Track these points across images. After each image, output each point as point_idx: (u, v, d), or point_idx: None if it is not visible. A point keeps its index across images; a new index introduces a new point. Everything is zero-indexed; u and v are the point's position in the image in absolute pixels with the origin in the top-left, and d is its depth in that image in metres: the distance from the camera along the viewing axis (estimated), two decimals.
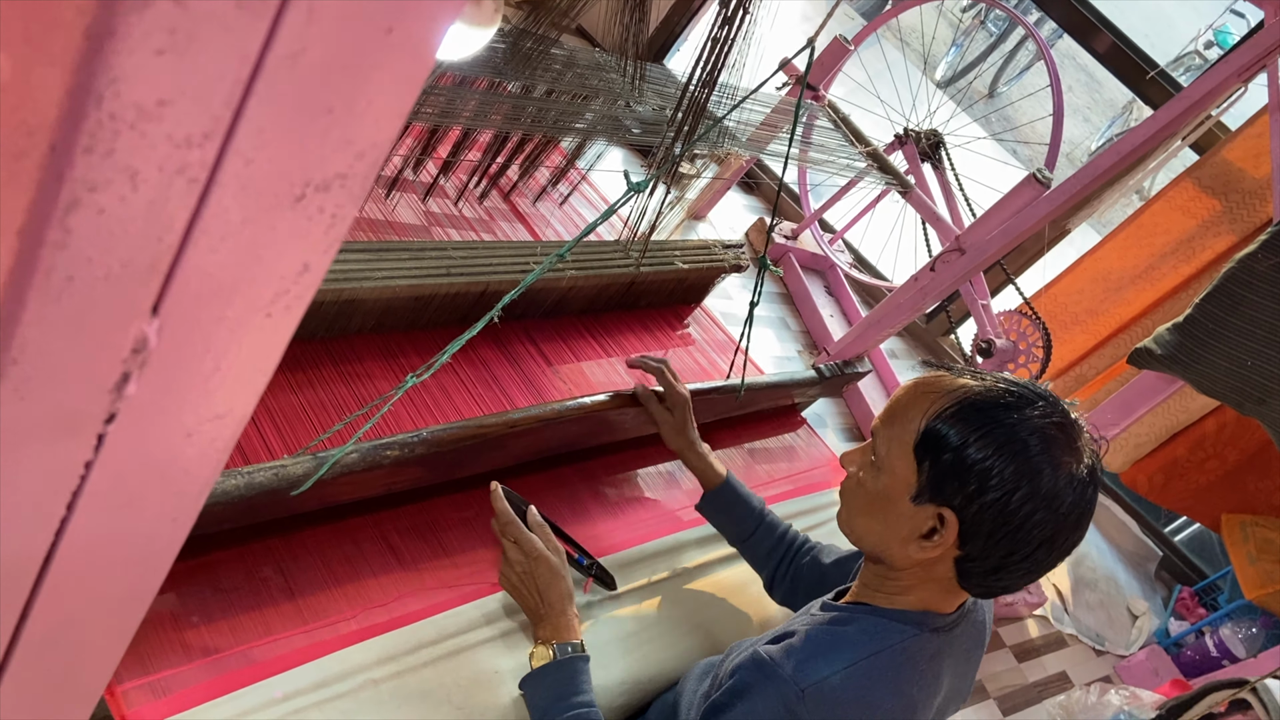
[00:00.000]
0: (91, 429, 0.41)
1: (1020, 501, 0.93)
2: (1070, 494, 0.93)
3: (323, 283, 1.30)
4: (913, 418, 0.99)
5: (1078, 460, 0.95)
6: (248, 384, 0.46)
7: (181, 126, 0.32)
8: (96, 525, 0.47)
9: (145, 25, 0.29)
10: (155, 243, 0.36)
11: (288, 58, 0.33)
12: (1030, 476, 0.93)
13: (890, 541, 1.02)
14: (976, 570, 0.98)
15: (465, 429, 1.37)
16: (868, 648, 1.00)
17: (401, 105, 0.38)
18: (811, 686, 0.96)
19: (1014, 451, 0.93)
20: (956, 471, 0.95)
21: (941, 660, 1.04)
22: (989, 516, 0.94)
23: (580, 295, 1.96)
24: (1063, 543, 0.96)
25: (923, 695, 1.02)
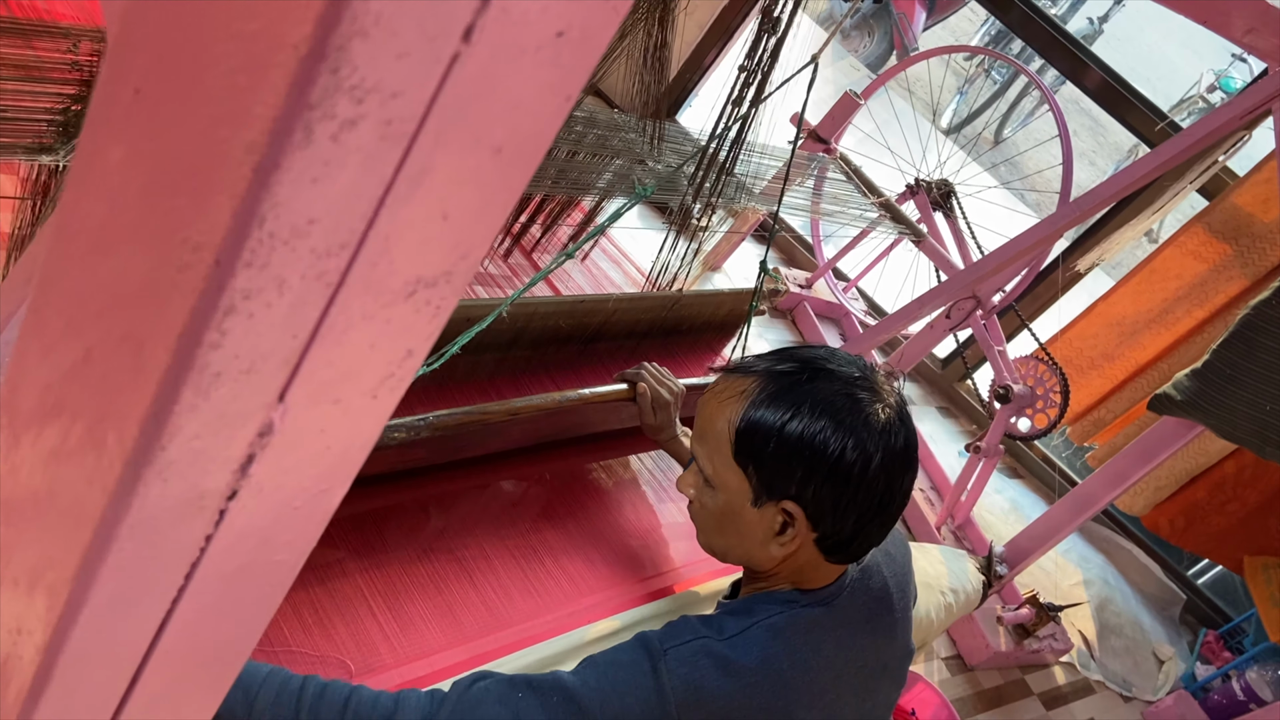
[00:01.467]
0: (216, 506, 0.45)
1: (850, 465, 0.94)
2: (890, 437, 0.96)
3: None
4: (720, 429, 1.01)
5: (884, 403, 0.97)
6: (351, 459, 0.49)
7: (324, 240, 0.37)
8: (207, 594, 0.50)
9: (306, 160, 0.33)
10: (290, 339, 0.40)
11: (415, 176, 0.37)
12: (848, 434, 0.94)
13: (750, 548, 1.03)
14: (838, 543, 0.99)
15: (469, 414, 1.42)
16: (734, 626, 0.98)
17: (506, 210, 0.42)
18: (675, 648, 0.95)
19: (826, 418, 0.94)
20: (780, 463, 0.96)
21: (823, 633, 1.02)
22: (827, 493, 0.95)
23: (621, 324, 2.03)
24: (900, 486, 0.98)
25: (797, 671, 0.97)
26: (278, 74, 0.31)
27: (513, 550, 1.54)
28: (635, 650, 0.95)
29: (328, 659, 1.20)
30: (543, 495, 1.66)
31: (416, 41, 0.32)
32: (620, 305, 1.99)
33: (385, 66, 0.32)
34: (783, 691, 0.96)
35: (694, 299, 2.18)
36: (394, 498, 1.48)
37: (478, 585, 1.45)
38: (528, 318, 1.79)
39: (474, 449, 1.53)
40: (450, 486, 1.56)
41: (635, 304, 2.05)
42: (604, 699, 0.91)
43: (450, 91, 0.35)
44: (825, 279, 3.49)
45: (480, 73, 0.36)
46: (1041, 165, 6.13)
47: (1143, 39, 9.42)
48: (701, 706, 0.92)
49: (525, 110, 0.39)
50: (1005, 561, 2.39)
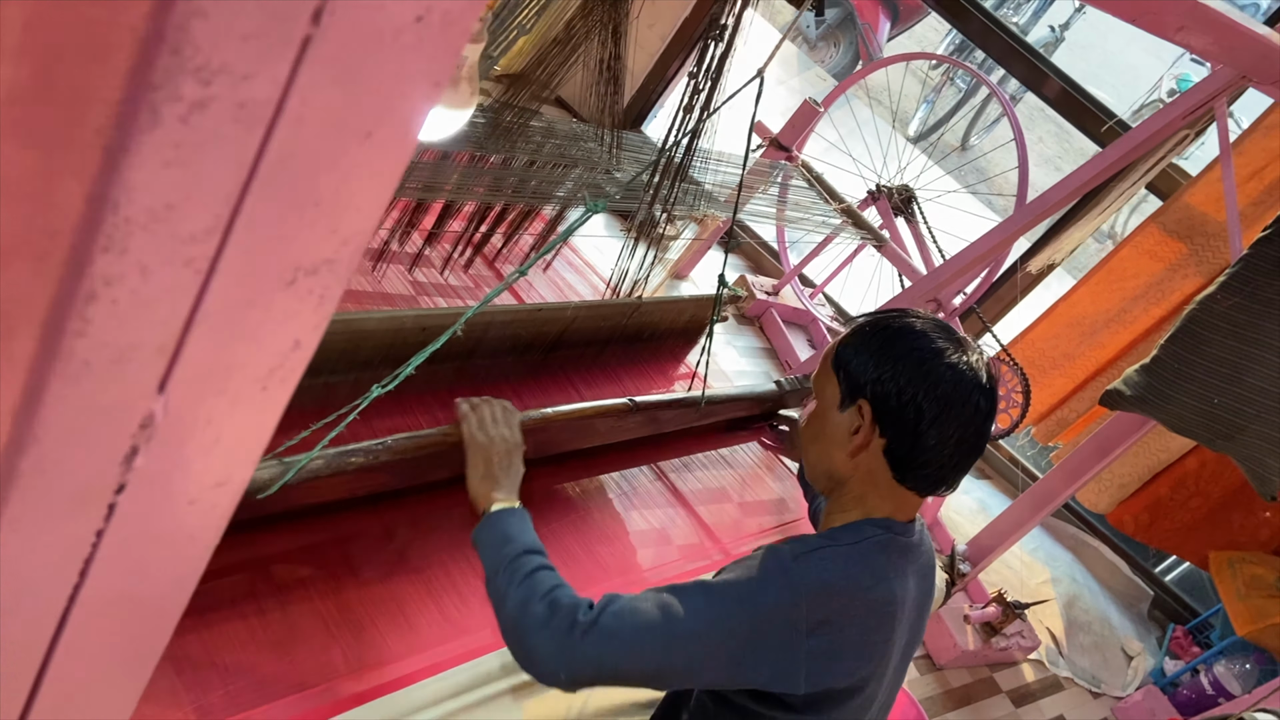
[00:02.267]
0: (103, 499, 0.45)
1: (914, 381, 1.09)
2: (950, 375, 1.09)
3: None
4: (828, 351, 1.19)
5: (961, 351, 1.11)
6: (246, 452, 0.49)
7: (186, 225, 0.37)
8: (107, 590, 0.50)
9: (155, 143, 0.34)
10: (162, 327, 0.40)
11: (279, 162, 0.37)
12: (920, 361, 1.09)
13: (833, 452, 1.16)
14: (904, 457, 1.12)
15: (428, 437, 1.40)
16: (849, 538, 1.13)
17: (382, 197, 0.43)
18: (804, 554, 1.09)
19: (905, 344, 1.11)
20: (860, 368, 1.13)
21: (909, 562, 1.16)
22: (891, 396, 1.10)
23: (581, 331, 2.02)
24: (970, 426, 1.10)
25: (899, 587, 1.13)
26: (119, 56, 0.32)
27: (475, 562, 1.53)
28: (769, 557, 1.10)
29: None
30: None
31: (261, 23, 0.33)
32: (580, 313, 1.99)
33: (231, 48, 0.33)
34: (889, 599, 1.11)
35: (654, 306, 2.19)
36: (356, 519, 1.46)
37: (435, 598, 1.44)
38: (485, 326, 1.78)
39: (436, 472, 1.50)
40: (415, 508, 1.54)
41: (595, 311, 2.05)
42: (740, 592, 1.06)
43: (307, 75, 0.36)
44: (792, 285, 3.51)
45: (337, 56, 0.36)
46: (1005, 168, 6.19)
47: (1105, 45, 9.53)
48: (825, 601, 1.06)
49: (392, 95, 0.39)
50: (968, 559, 2.40)
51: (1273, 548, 3.07)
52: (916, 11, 6.32)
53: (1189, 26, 1.32)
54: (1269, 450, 1.80)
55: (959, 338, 1.14)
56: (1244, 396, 1.77)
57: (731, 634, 1.04)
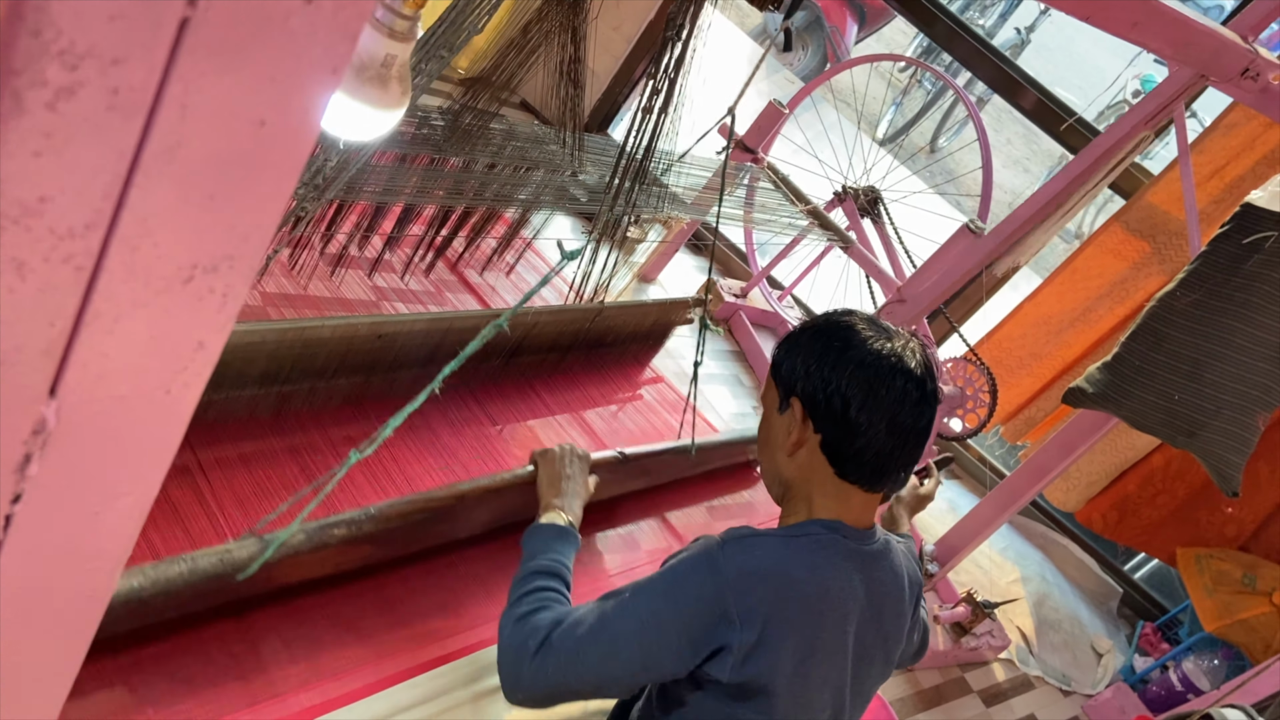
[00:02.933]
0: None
1: (830, 371, 1.10)
2: (872, 359, 1.10)
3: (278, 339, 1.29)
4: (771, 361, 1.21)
5: (883, 338, 1.12)
6: (152, 461, 0.47)
7: (64, 219, 0.35)
8: (13, 605, 0.48)
9: (21, 132, 0.32)
10: (48, 328, 0.38)
11: (164, 152, 0.36)
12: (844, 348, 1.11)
13: (776, 455, 1.18)
14: (839, 448, 1.12)
15: (413, 504, 1.38)
16: (784, 532, 1.14)
17: (282, 189, 0.41)
18: (731, 541, 1.10)
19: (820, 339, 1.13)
20: (789, 368, 1.15)
21: (854, 565, 1.14)
22: (818, 389, 1.11)
23: (542, 339, 2.00)
24: (899, 411, 1.10)
25: (835, 585, 1.11)
26: None
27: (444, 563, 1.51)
28: (698, 545, 1.12)
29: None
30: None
31: (129, 2, 0.31)
32: (541, 318, 1.98)
33: (97, 30, 0.31)
34: (823, 596, 1.10)
35: (617, 311, 2.17)
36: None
37: (396, 602, 1.42)
38: (443, 334, 1.76)
39: (424, 540, 1.46)
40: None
41: (557, 317, 2.03)
42: (667, 582, 1.08)
43: (187, 59, 0.34)
44: (760, 287, 3.50)
45: (221, 40, 0.34)
46: (972, 168, 6.22)
47: (1072, 47, 9.63)
48: (753, 589, 1.06)
49: (284, 82, 0.37)
50: (936, 559, 2.40)
51: (1239, 544, 3.09)
52: (883, 14, 6.36)
53: (1143, 23, 1.32)
54: (1230, 446, 1.80)
55: (886, 328, 1.15)
56: (1204, 393, 1.78)
57: (661, 625, 1.06)
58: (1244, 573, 2.93)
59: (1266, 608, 2.81)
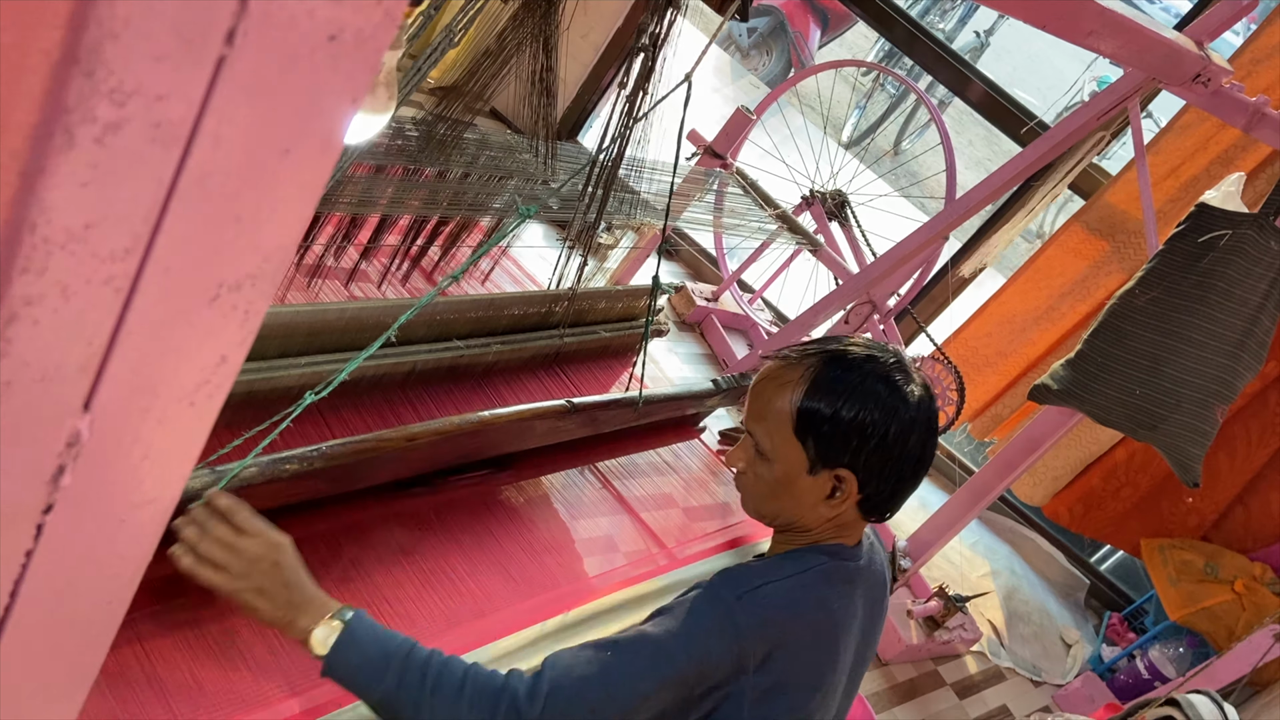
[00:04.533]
0: (31, 520, 0.45)
1: (894, 436, 1.10)
2: (922, 412, 1.12)
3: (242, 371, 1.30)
4: (781, 408, 1.14)
5: (915, 384, 1.13)
6: (175, 470, 0.50)
7: (106, 244, 0.37)
8: (38, 611, 0.50)
9: (70, 164, 0.34)
10: (85, 346, 0.40)
11: (198, 180, 0.38)
12: (892, 413, 1.10)
13: (801, 511, 1.16)
14: (879, 501, 1.14)
15: (363, 443, 1.41)
16: (792, 568, 1.14)
17: (303, 212, 0.43)
18: (746, 594, 1.09)
19: (873, 400, 1.10)
20: (837, 436, 1.11)
21: (856, 585, 1.17)
22: (876, 460, 1.10)
23: (508, 368, 2.01)
24: (932, 449, 1.15)
25: (842, 614, 1.15)
26: (32, 80, 0.32)
27: (421, 574, 1.53)
28: (710, 601, 1.09)
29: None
30: (450, 517, 1.64)
31: (173, 44, 0.33)
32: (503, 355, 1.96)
33: (144, 69, 0.33)
34: (831, 626, 1.13)
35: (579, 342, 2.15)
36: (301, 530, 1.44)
37: (379, 611, 1.44)
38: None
39: (372, 478, 1.51)
40: (357, 516, 1.53)
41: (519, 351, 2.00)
42: (688, 646, 1.05)
43: (223, 94, 0.36)
44: (731, 291, 3.54)
45: (253, 76, 0.37)
46: (936, 171, 6.32)
47: (1029, 50, 9.78)
48: (769, 637, 1.07)
49: (309, 113, 0.40)
50: (908, 555, 2.45)
51: (1200, 534, 3.17)
52: (846, 19, 6.44)
53: (1098, 31, 1.37)
54: (1189, 439, 1.86)
55: (902, 365, 1.14)
56: (1164, 388, 1.84)
57: (682, 683, 1.05)
58: (1206, 562, 3.01)
59: (1229, 596, 2.89)
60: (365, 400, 1.73)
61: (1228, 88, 1.87)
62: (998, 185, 2.13)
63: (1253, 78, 2.62)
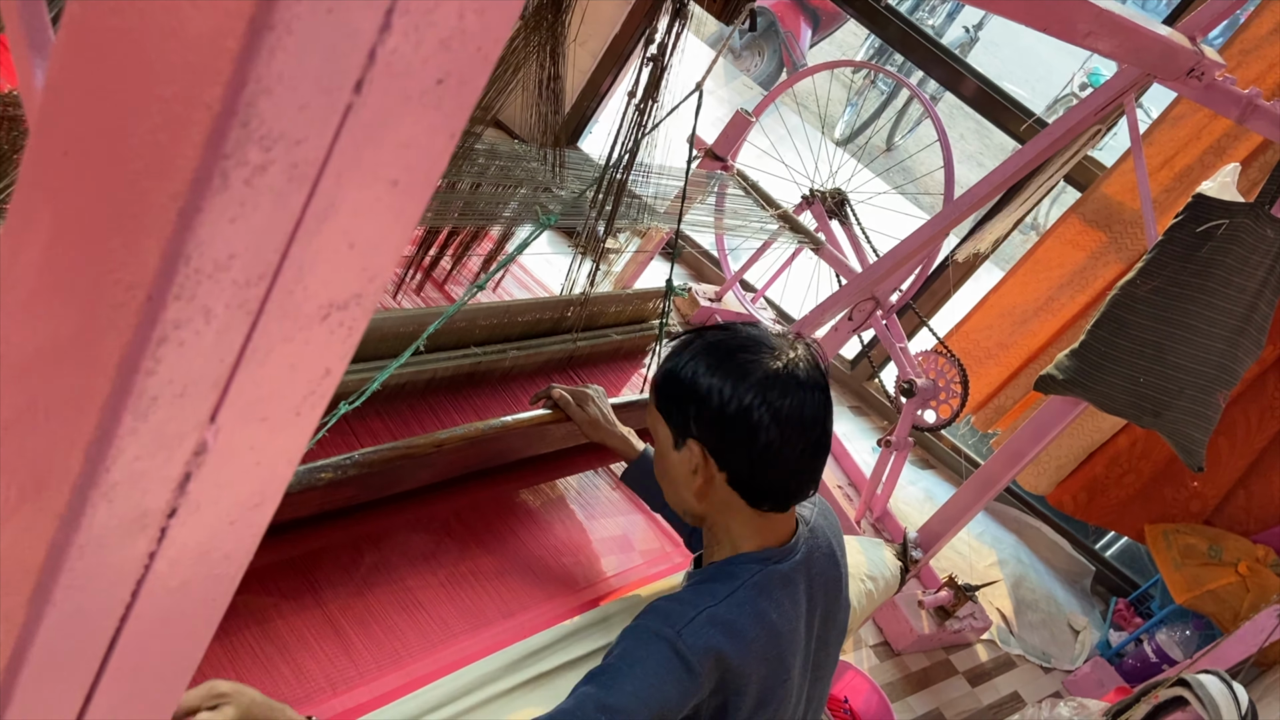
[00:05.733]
0: (158, 523, 0.50)
1: (732, 401, 1.06)
2: (777, 386, 1.06)
3: None
4: (651, 392, 1.17)
5: (774, 357, 1.08)
6: (281, 473, 0.54)
7: (244, 272, 0.42)
8: (154, 610, 0.54)
9: (224, 203, 0.38)
10: (219, 363, 0.44)
11: (321, 211, 0.42)
12: (726, 377, 1.06)
13: (684, 494, 1.15)
14: (750, 482, 1.10)
15: (395, 449, 1.46)
16: (724, 589, 1.11)
17: (405, 235, 0.48)
18: (685, 627, 1.07)
19: (709, 361, 1.08)
20: (680, 402, 1.10)
21: (795, 585, 1.16)
22: (716, 426, 1.08)
23: (524, 373, 2.05)
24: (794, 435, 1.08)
25: (783, 620, 1.13)
26: (195, 130, 0.36)
27: (445, 578, 1.57)
28: (651, 644, 1.06)
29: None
30: (472, 521, 1.68)
31: (314, 95, 0.38)
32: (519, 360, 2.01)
33: (289, 118, 0.38)
34: (775, 640, 1.11)
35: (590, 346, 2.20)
36: (326, 538, 1.50)
37: (411, 613, 1.48)
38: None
39: (403, 483, 1.55)
40: (381, 522, 1.58)
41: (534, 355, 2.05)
42: (647, 701, 1.02)
43: (347, 136, 0.41)
44: (733, 291, 3.59)
45: (372, 118, 0.41)
46: (931, 167, 6.37)
47: (1019, 43, 9.85)
48: (719, 666, 1.06)
49: (415, 148, 0.44)
50: (919, 546, 2.49)
51: (1203, 518, 3.22)
52: (837, 18, 6.49)
53: (1096, 31, 1.42)
54: (1193, 424, 1.91)
55: (768, 340, 1.10)
56: (1167, 374, 1.89)
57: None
58: (1210, 545, 3.06)
59: (1233, 578, 2.94)
60: (390, 408, 1.77)
61: (1220, 81, 1.91)
62: (998, 182, 2.18)
63: (1243, 68, 2.67)
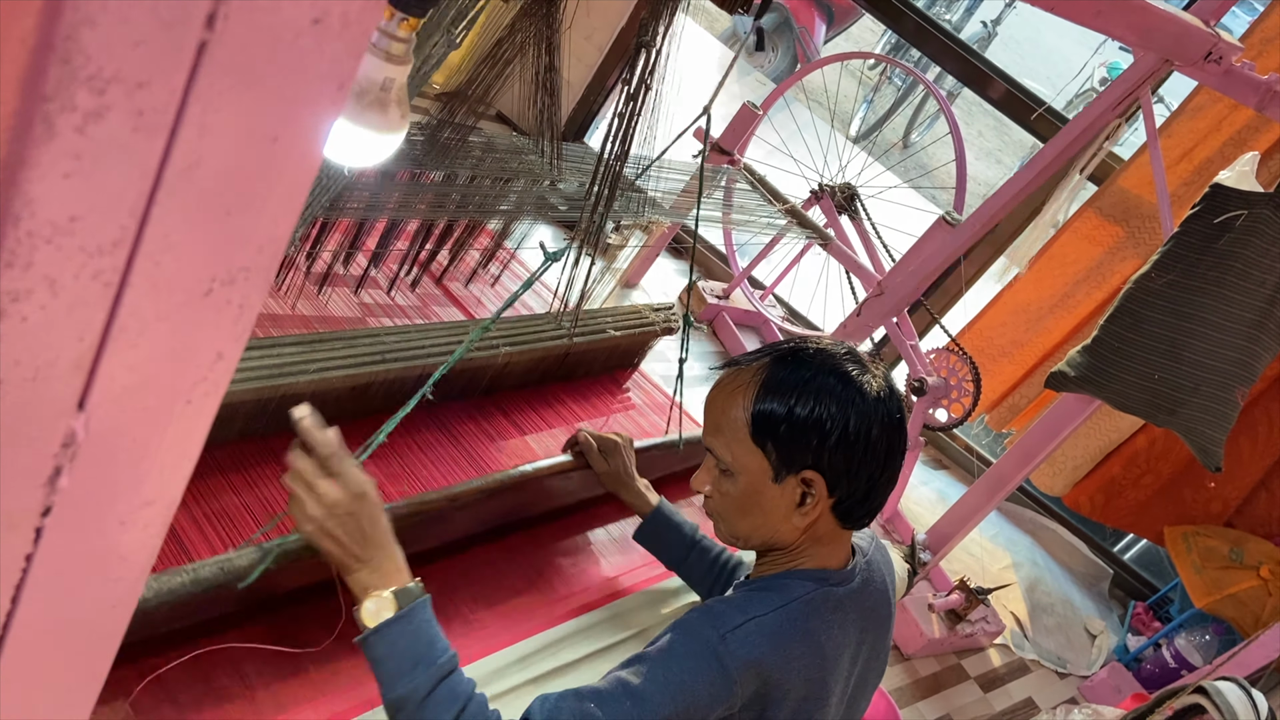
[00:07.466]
0: (29, 523, 0.45)
1: (855, 429, 1.06)
2: (883, 403, 1.08)
3: (259, 379, 1.32)
4: (735, 416, 1.10)
5: (872, 376, 1.09)
6: (175, 470, 0.49)
7: (93, 237, 0.37)
8: (41, 616, 0.50)
9: (52, 155, 0.33)
10: (77, 343, 0.39)
11: (184, 170, 0.37)
12: (848, 405, 1.06)
13: (775, 525, 1.11)
14: (854, 504, 1.10)
15: (407, 506, 1.39)
16: (776, 601, 1.09)
17: (294, 202, 0.43)
18: (730, 632, 1.04)
19: (828, 394, 1.06)
20: (795, 436, 1.07)
21: (847, 612, 1.13)
22: (840, 457, 1.06)
23: (517, 370, 2.00)
24: (899, 445, 1.11)
25: (830, 643, 1.10)
26: (7, 68, 0.32)
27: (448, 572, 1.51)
28: (692, 642, 1.04)
29: None
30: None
31: (153, 29, 0.33)
32: (512, 359, 1.95)
33: (123, 55, 0.33)
34: (820, 662, 1.08)
35: (586, 344, 2.13)
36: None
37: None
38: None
39: (420, 543, 1.46)
40: None
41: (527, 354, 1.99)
42: (675, 694, 1.00)
43: (206, 80, 0.36)
44: (742, 288, 3.53)
45: (236, 61, 0.36)
46: (945, 162, 6.28)
47: (1038, 39, 9.73)
48: (757, 677, 1.04)
49: (295, 99, 0.39)
50: (928, 548, 2.43)
51: (1224, 520, 3.14)
52: (851, 13, 6.41)
53: (1106, 11, 1.36)
54: (1210, 422, 1.84)
55: (860, 359, 1.11)
56: (1183, 371, 1.82)
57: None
58: (1230, 548, 2.98)
59: (1254, 581, 2.86)
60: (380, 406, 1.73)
61: (1239, 66, 1.84)
62: (1020, 186, 2.11)
63: (1264, 57, 2.59)
